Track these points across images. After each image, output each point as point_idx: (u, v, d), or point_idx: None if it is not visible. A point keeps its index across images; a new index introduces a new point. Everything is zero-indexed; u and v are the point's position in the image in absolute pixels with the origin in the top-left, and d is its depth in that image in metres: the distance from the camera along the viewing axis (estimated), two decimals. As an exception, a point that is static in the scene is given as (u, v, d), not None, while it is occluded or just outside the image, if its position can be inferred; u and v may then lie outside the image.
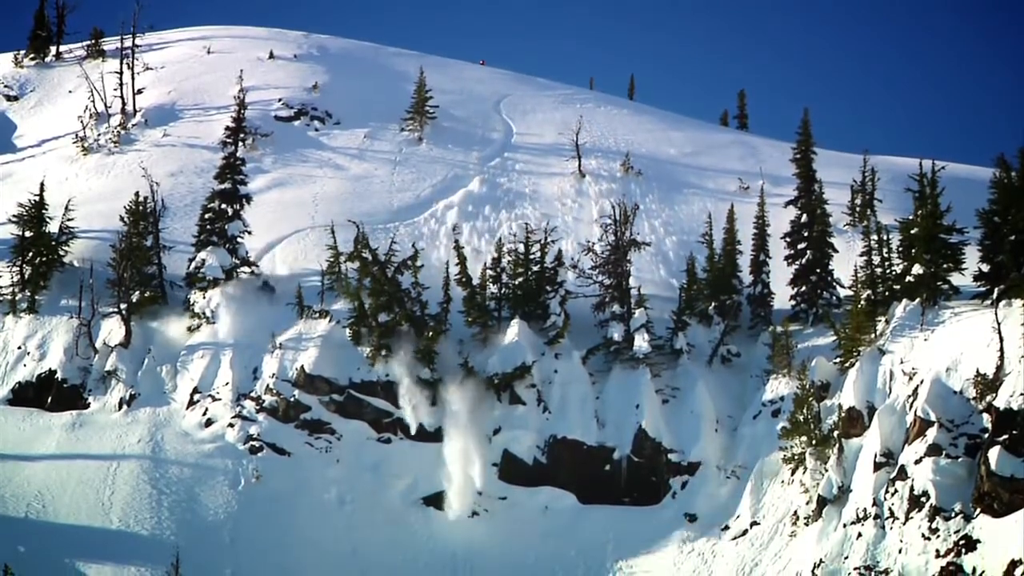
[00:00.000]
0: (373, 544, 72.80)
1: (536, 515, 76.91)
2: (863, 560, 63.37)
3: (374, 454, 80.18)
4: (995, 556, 58.04)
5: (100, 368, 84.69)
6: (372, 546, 72.56)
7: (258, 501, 75.23)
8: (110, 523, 73.41)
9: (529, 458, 79.63)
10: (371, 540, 73.10)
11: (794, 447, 72.31)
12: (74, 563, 69.41)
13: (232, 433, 79.78)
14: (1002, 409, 60.96)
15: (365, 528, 74.07)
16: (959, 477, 62.64)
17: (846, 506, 66.63)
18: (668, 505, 76.46)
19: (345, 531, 73.70)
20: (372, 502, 76.36)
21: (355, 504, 76.36)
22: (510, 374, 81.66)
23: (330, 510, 75.87)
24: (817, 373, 74.65)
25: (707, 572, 70.08)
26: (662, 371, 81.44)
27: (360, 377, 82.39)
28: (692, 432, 77.97)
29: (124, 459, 78.27)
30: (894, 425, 66.91)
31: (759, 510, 72.27)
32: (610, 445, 78.80)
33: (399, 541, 73.28)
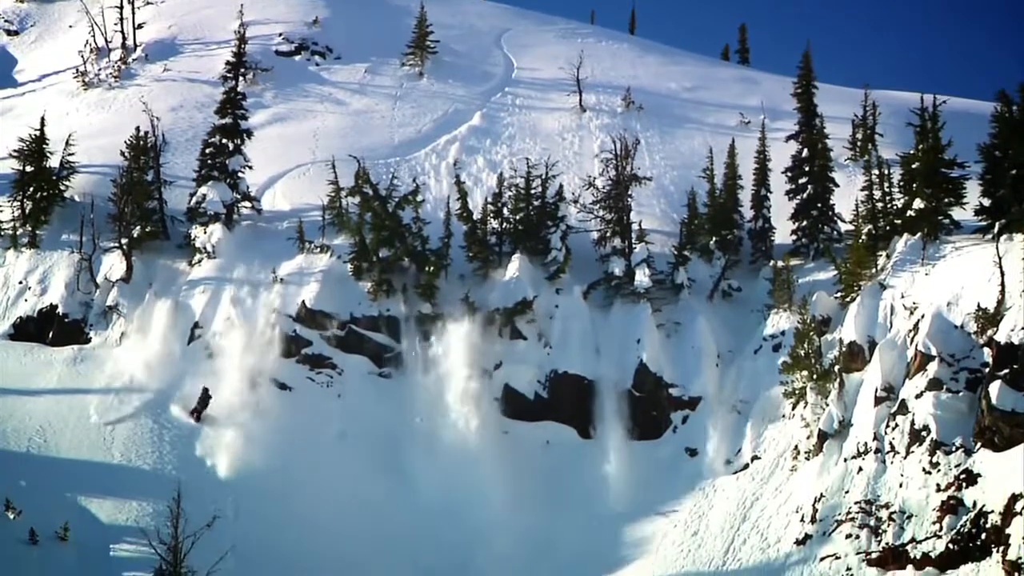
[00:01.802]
0: (374, 478, 72.41)
1: (537, 449, 76.67)
2: (864, 494, 63.10)
3: (375, 389, 79.90)
4: (996, 490, 57.76)
5: (101, 303, 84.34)
6: (373, 480, 72.18)
7: (260, 436, 74.70)
8: (111, 458, 73.12)
9: (530, 393, 79.34)
10: (372, 474, 72.73)
11: (795, 382, 71.92)
12: (75, 497, 69.07)
13: (234, 369, 79.00)
14: (1003, 343, 60.56)
15: (366, 462, 73.74)
16: (960, 411, 62.35)
17: (847, 440, 66.34)
18: (669, 440, 76.21)
19: (346, 465, 73.33)
20: (373, 437, 76.02)
21: (356, 439, 76.04)
22: (511, 309, 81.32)
23: (331, 444, 75.55)
24: (818, 308, 74.24)
25: (708, 506, 69.79)
26: (663, 306, 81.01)
27: (361, 312, 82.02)
28: (693, 367, 77.66)
29: (126, 393, 77.86)
30: (895, 360, 66.50)
31: (760, 444, 71.98)
32: (611, 379, 78.17)
33: (401, 475, 72.97)
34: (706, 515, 69.31)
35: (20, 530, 64.88)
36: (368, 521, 68.99)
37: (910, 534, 59.99)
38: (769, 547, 65.12)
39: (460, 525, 69.27)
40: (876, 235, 76.94)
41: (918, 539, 59.51)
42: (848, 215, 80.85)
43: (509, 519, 70.19)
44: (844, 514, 63.24)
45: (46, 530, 65.14)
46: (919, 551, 59.15)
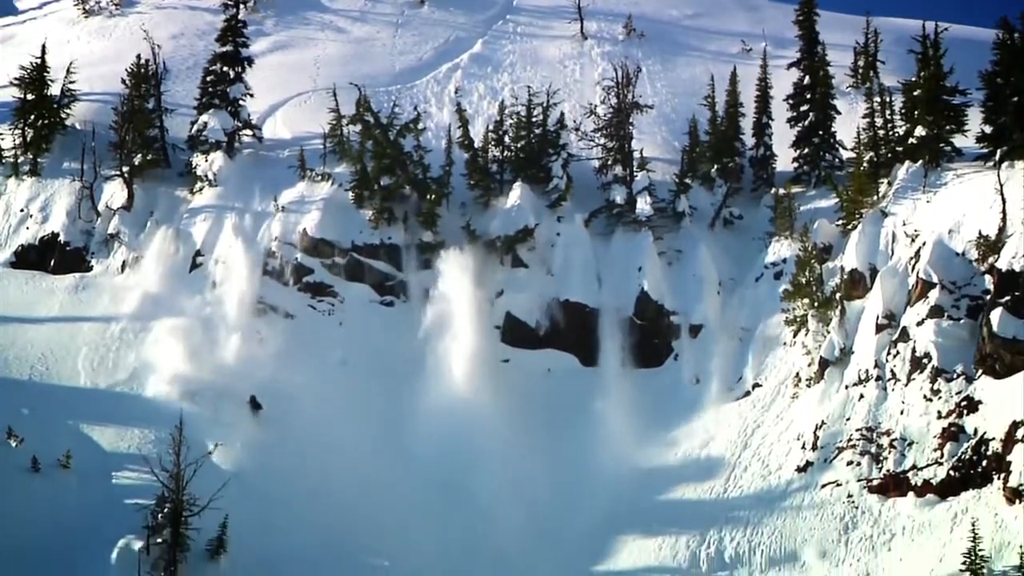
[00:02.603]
0: (376, 405, 72.10)
1: (538, 377, 76.31)
2: (864, 421, 62.74)
3: (377, 317, 79.61)
4: (996, 417, 57.37)
5: (103, 231, 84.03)
6: (375, 408, 71.87)
7: (262, 363, 74.42)
8: (114, 385, 72.78)
9: (531, 320, 78.93)
10: (374, 401, 72.42)
11: (796, 309, 71.46)
12: (77, 425, 68.72)
13: (235, 296, 78.72)
14: (1004, 271, 60.04)
15: (368, 389, 73.35)
16: (961, 339, 61.87)
17: (848, 368, 65.91)
18: (670, 367, 75.82)
19: (348, 393, 72.97)
20: (375, 365, 75.68)
21: (358, 366, 75.68)
22: (512, 237, 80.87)
23: (333, 372, 75.19)
24: (819, 235, 73.62)
25: (709, 433, 69.43)
26: (664, 234, 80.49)
27: (363, 240, 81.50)
28: (694, 294, 77.19)
29: (128, 321, 77.51)
30: (896, 287, 65.98)
31: (761, 372, 71.59)
32: (613, 307, 77.71)
33: (402, 403, 72.58)
34: (707, 443, 68.94)
35: (22, 458, 64.48)
36: (368, 447, 68.65)
37: (911, 461, 59.66)
38: (770, 474, 64.84)
39: (460, 450, 68.78)
40: (877, 162, 76.42)
41: (919, 466, 59.17)
42: (850, 142, 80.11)
43: (510, 445, 69.78)
44: (845, 441, 62.89)
45: (48, 458, 64.79)
46: (920, 478, 58.83)
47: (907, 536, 57.32)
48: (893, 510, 59.04)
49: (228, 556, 59.94)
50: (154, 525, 59.43)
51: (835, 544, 59.09)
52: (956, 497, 57.16)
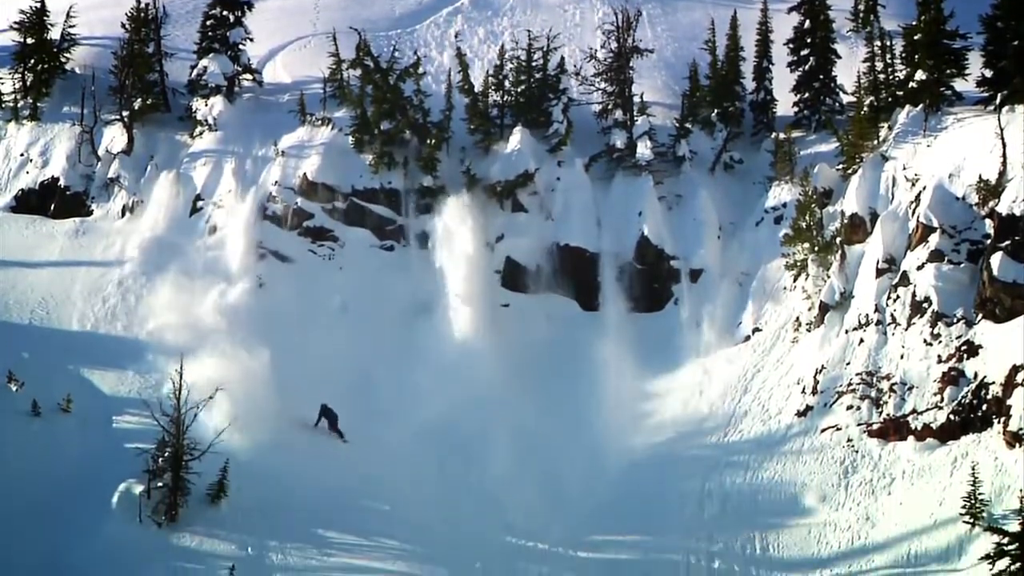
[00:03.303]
0: (376, 350, 71.70)
1: (538, 321, 75.82)
2: (864, 366, 62.37)
3: (377, 261, 79.05)
4: (997, 361, 57.04)
5: (103, 175, 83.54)
6: (375, 352, 71.45)
7: (262, 307, 73.99)
8: (114, 329, 72.54)
9: (532, 265, 78.44)
10: (374, 346, 72.03)
11: (796, 254, 71.03)
12: (78, 369, 68.53)
13: (235, 240, 78.26)
14: (1004, 215, 59.54)
15: (368, 335, 72.96)
16: (961, 283, 61.45)
17: (848, 312, 65.49)
18: (671, 312, 75.27)
19: (348, 337, 72.61)
20: (375, 309, 75.27)
21: (358, 311, 75.28)
22: (513, 182, 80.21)
23: (333, 317, 74.84)
24: (820, 179, 73.14)
25: (709, 378, 69.06)
26: (664, 178, 79.74)
27: (363, 185, 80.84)
28: (694, 239, 76.56)
29: (128, 265, 77.22)
30: (896, 231, 65.48)
31: (761, 317, 71.15)
32: (613, 252, 77.21)
33: (402, 347, 72.22)
34: (707, 387, 68.55)
35: (23, 402, 64.37)
36: (368, 391, 68.20)
37: (911, 405, 59.35)
38: (770, 419, 64.54)
39: (460, 395, 68.34)
40: (878, 107, 75.67)
41: (919, 410, 58.88)
42: (850, 87, 79.28)
43: (510, 389, 69.47)
44: (845, 385, 62.57)
45: (48, 402, 64.63)
46: (920, 422, 58.56)
47: (907, 480, 57.07)
48: (893, 454, 58.79)
49: (228, 500, 59.70)
50: (155, 469, 59.22)
51: (835, 488, 58.83)
52: (956, 441, 56.93)
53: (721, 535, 58.44)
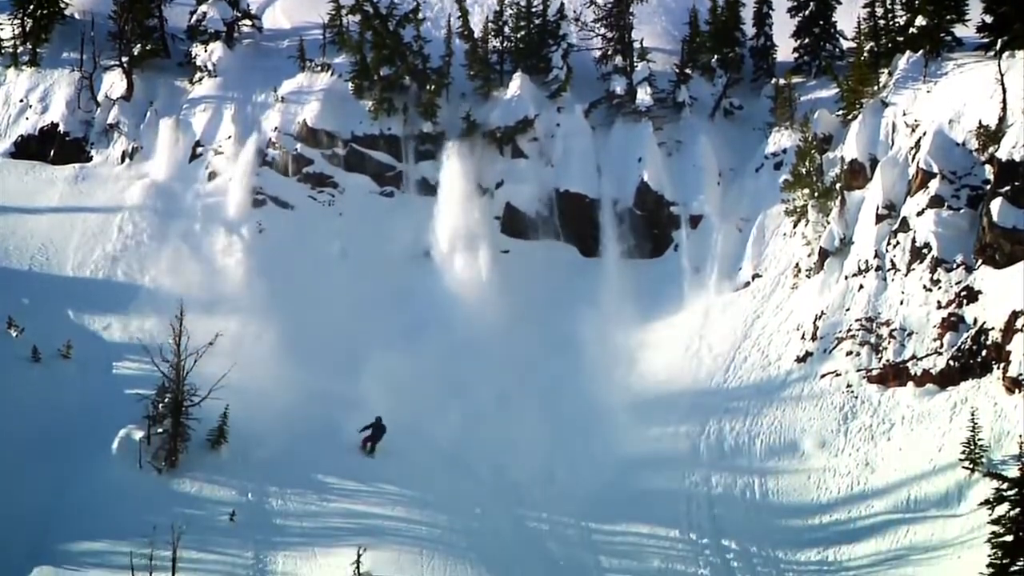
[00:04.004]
0: (376, 297, 71.22)
1: (538, 267, 75.30)
2: (864, 312, 61.94)
3: (376, 207, 78.49)
4: (996, 307, 56.68)
5: (102, 121, 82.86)
6: (375, 299, 70.96)
7: (262, 253, 73.72)
8: (114, 275, 72.14)
9: (531, 211, 77.90)
10: (373, 293, 71.55)
11: (796, 199, 70.42)
12: (78, 315, 68.22)
13: (235, 186, 77.77)
14: (1004, 160, 59.02)
15: (367, 281, 72.49)
16: (961, 229, 60.97)
17: (848, 258, 64.99)
18: (670, 258, 74.68)
19: (347, 283, 72.16)
20: (374, 254, 74.82)
21: (358, 257, 74.83)
22: (512, 128, 79.48)
23: (332, 263, 74.42)
24: (820, 125, 72.46)
25: (709, 324, 68.55)
26: (664, 124, 78.97)
27: (363, 131, 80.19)
28: (694, 185, 75.86)
29: (128, 211, 76.79)
30: (896, 177, 64.93)
31: (761, 263, 70.59)
32: (612, 198, 76.69)
33: (401, 294, 71.80)
34: (707, 333, 68.10)
35: (23, 348, 64.11)
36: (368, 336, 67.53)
37: (911, 351, 58.97)
38: (770, 364, 64.16)
39: (458, 338, 68.18)
40: (878, 52, 74.89)
41: (919, 356, 58.51)
42: (850, 32, 78.42)
43: (510, 334, 69.14)
44: (845, 331, 62.16)
45: (48, 348, 64.36)
46: (920, 368, 58.21)
47: (906, 426, 56.77)
48: (892, 400, 58.46)
49: (228, 446, 59.42)
50: (155, 415, 58.95)
51: (834, 434, 58.55)
52: (955, 387, 56.61)
53: (720, 480, 58.15)
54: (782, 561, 52.24)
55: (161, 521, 50.39)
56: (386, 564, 49.78)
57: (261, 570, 51.63)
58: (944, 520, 50.68)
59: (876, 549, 51.13)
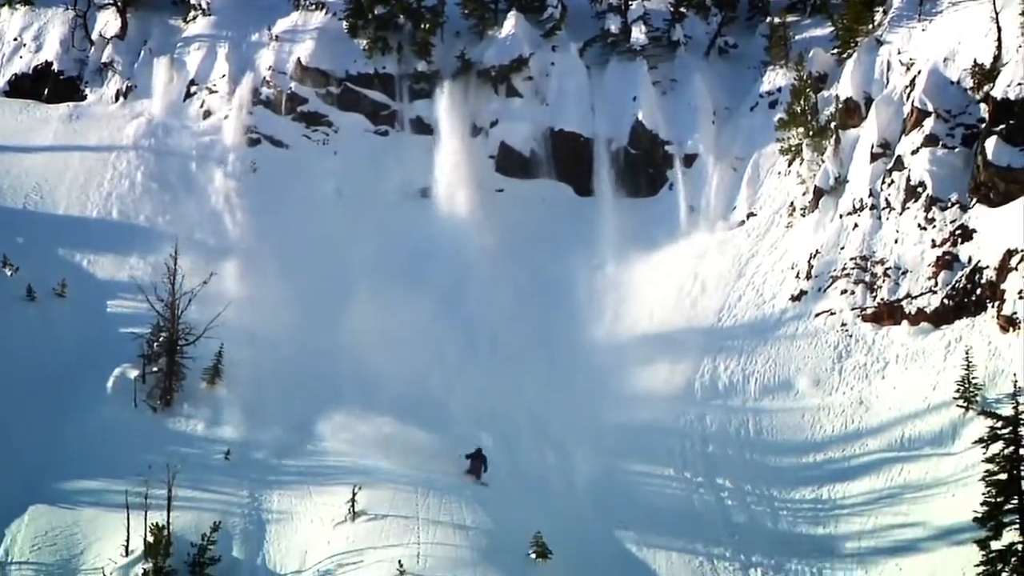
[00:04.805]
0: (371, 235, 70.49)
1: (533, 206, 74.71)
2: (859, 250, 61.25)
3: (371, 146, 77.98)
4: (991, 246, 55.92)
5: (96, 60, 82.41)
6: (369, 238, 70.24)
7: (256, 192, 73.25)
8: (109, 214, 71.58)
9: (526, 150, 77.27)
10: (369, 231, 70.86)
11: (791, 138, 69.76)
12: (72, 254, 67.66)
13: (230, 125, 77.22)
14: (999, 99, 58.06)
15: (363, 219, 71.90)
16: (956, 167, 60.08)
17: (842, 197, 64.30)
18: (665, 197, 74.10)
19: (343, 222, 71.61)
20: (369, 194, 74.35)
21: (352, 196, 74.35)
22: (507, 67, 78.76)
23: (327, 201, 73.90)
24: (814, 64, 71.77)
25: (704, 263, 67.92)
26: (659, 63, 78.37)
27: (357, 70, 79.60)
28: (689, 124, 75.27)
29: (122, 150, 76.17)
30: (891, 115, 64.09)
31: (756, 201, 69.99)
32: (607, 137, 76.04)
33: (396, 233, 71.19)
34: (701, 272, 67.47)
35: (17, 287, 63.51)
36: (364, 273, 66.71)
37: (905, 290, 58.32)
38: (764, 303, 63.56)
39: (452, 276, 68.04)
40: (873, -10, 73.93)
41: (913, 295, 57.85)
42: (845, -30, 77.51)
43: (506, 271, 68.83)
44: (839, 270, 61.52)
45: (43, 287, 63.79)
46: (914, 306, 57.56)
47: (900, 364, 56.22)
48: (887, 338, 57.88)
49: (224, 385, 58.84)
50: (149, 354, 58.52)
51: (828, 372, 57.99)
52: (950, 325, 55.96)
53: (715, 419, 57.62)
54: (776, 499, 51.77)
55: (156, 460, 49.94)
56: (380, 503, 49.28)
57: (256, 508, 51.12)
58: (938, 458, 50.14)
59: (870, 487, 50.64)
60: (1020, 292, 52.93)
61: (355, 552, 46.43)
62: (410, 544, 45.97)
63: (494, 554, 45.51)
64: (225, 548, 47.68)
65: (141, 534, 46.84)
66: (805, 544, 48.88)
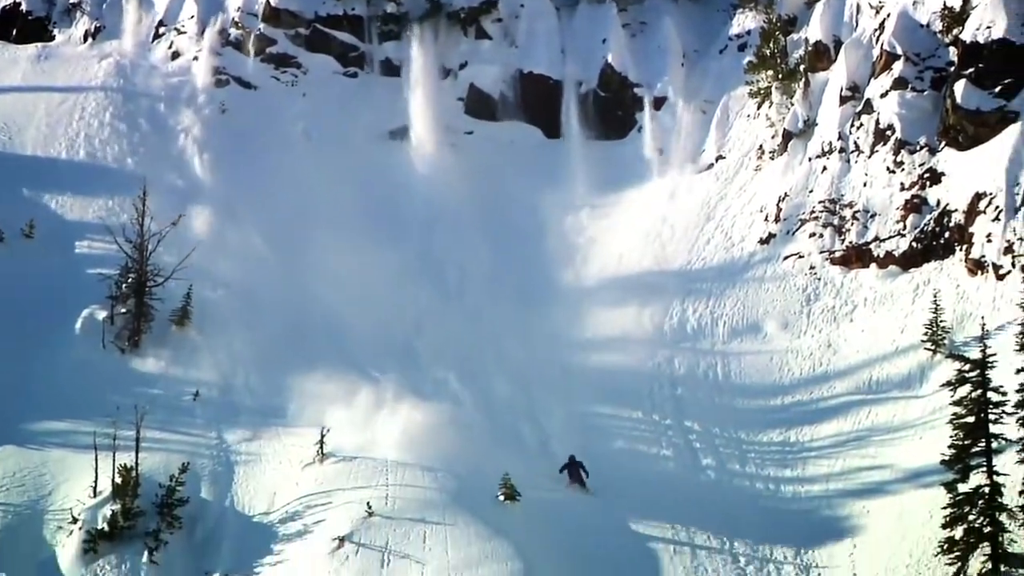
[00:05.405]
0: (340, 178, 69.50)
1: (502, 148, 74.13)
2: (828, 193, 60.68)
3: (340, 88, 77.31)
4: (959, 189, 55.37)
5: (65, 0, 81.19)
6: (339, 180, 69.26)
7: (225, 134, 72.42)
8: (77, 155, 70.60)
9: (495, 92, 76.69)
10: (338, 173, 69.87)
11: (760, 81, 69.18)
12: (40, 195, 66.68)
13: (198, 66, 76.38)
14: (968, 42, 57.36)
15: (331, 161, 70.90)
16: (924, 111, 59.45)
17: (811, 140, 63.69)
18: (634, 139, 73.63)
19: (312, 164, 70.64)
20: (338, 136, 73.59)
21: (321, 138, 73.62)
22: (476, 8, 78.36)
23: (296, 143, 73.11)
24: (784, 7, 71.39)
25: (673, 206, 67.39)
26: (628, 6, 78.05)
27: (326, 11, 78.88)
28: (658, 66, 74.81)
29: (91, 91, 75.20)
30: (860, 59, 63.43)
31: (724, 144, 69.48)
32: (576, 79, 75.39)
33: (365, 175, 70.33)
34: (670, 215, 66.91)
35: (-16, 228, 62.57)
36: (333, 215, 65.73)
37: (874, 233, 57.78)
38: (733, 246, 62.99)
39: (421, 218, 67.76)
40: (843, -68, 73.19)
41: (881, 238, 57.33)
42: (815, -88, 76.72)
43: (470, 213, 68.15)
44: (808, 213, 60.95)
45: (11, 228, 62.72)
46: (882, 249, 57.05)
47: (869, 307, 55.70)
48: (855, 281, 57.36)
49: (192, 326, 58.07)
50: (118, 295, 57.60)
51: (797, 315, 57.43)
52: (918, 268, 55.46)
53: (683, 362, 57.06)
54: (744, 442, 51.24)
55: (124, 401, 49.36)
56: (349, 445, 48.65)
57: (224, 449, 50.46)
58: (906, 401, 49.68)
59: (838, 430, 50.12)
60: (988, 235, 52.47)
61: (324, 494, 45.82)
62: (379, 486, 45.35)
63: (463, 496, 44.94)
64: (193, 489, 46.92)
65: (109, 475, 46.06)
66: (773, 487, 48.44)
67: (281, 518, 45.43)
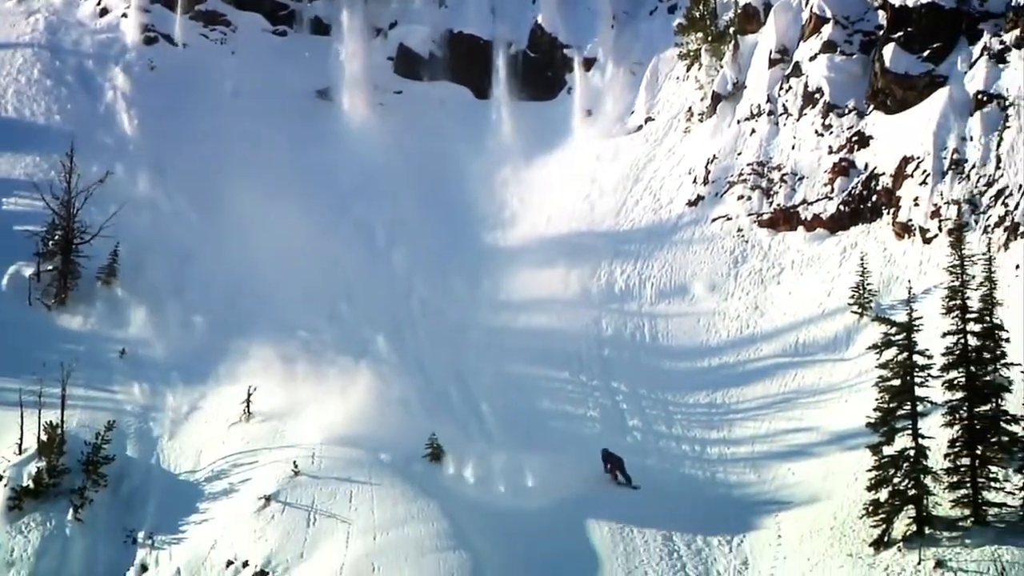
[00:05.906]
0: (269, 137, 68.78)
1: (432, 108, 73.56)
2: (756, 156, 60.51)
3: (269, 47, 76.52)
4: (887, 153, 55.50)
5: (-14, -56, 79.30)
6: (268, 139, 68.43)
7: (154, 92, 71.31)
8: (4, 111, 69.19)
9: (425, 52, 76.17)
10: (267, 133, 69.14)
11: (690, 43, 68.94)
12: (-36, 151, 65.47)
13: (127, 23, 75.13)
14: (897, 6, 57.54)
15: (260, 120, 70.09)
16: (853, 74, 59.53)
17: (740, 103, 63.54)
18: (563, 100, 73.27)
19: (241, 123, 69.58)
20: (267, 94, 72.71)
21: (251, 97, 72.56)
22: (406, -33, 77.15)
23: (226, 101, 71.98)
24: (714, -31, 70.50)
25: (601, 167, 66.93)
26: (559, -34, 76.99)
27: (256, -32, 77.48)
28: (588, 27, 74.48)
29: (19, 48, 73.78)
30: (789, 21, 63.38)
31: (654, 106, 69.18)
32: (506, 40, 74.82)
33: (295, 133, 69.65)
34: (599, 176, 66.45)
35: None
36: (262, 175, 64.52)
37: (801, 196, 57.70)
38: (661, 208, 62.68)
39: (350, 178, 66.95)
40: None
41: (809, 200, 57.25)
42: None
43: (399, 173, 67.60)
44: (736, 176, 60.75)
45: (-67, 185, 61.49)
46: (810, 212, 56.96)
47: (796, 270, 55.61)
48: (783, 244, 57.23)
49: (119, 283, 57.02)
50: (44, 252, 56.62)
51: (724, 277, 57.24)
52: (846, 231, 55.51)
53: (611, 323, 56.69)
54: (671, 403, 50.93)
55: (50, 358, 48.14)
56: (275, 405, 47.95)
57: (151, 407, 49.63)
58: (832, 364, 49.60)
59: (764, 392, 49.94)
60: (916, 199, 52.57)
61: (250, 452, 45.21)
62: (305, 445, 44.69)
63: (389, 456, 44.36)
64: (119, 447, 46.19)
65: (35, 432, 45.21)
66: (699, 448, 48.10)
67: (207, 476, 44.79)
